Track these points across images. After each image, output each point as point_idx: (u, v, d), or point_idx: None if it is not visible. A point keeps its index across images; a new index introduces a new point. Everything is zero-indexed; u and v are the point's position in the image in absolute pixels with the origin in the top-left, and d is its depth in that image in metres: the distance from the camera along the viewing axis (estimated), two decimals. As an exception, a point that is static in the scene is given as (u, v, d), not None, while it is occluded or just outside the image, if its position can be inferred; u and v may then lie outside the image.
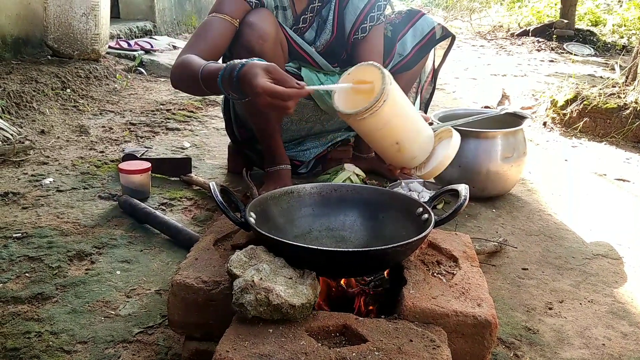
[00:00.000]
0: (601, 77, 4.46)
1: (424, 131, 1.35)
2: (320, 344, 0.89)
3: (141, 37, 4.73)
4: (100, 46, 3.49)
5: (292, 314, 0.92)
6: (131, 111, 3.02)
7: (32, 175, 2.04)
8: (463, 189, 1.15)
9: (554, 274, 1.58)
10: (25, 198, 1.85)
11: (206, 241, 1.20)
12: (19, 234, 1.60)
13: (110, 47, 3.89)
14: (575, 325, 1.34)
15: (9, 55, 3.24)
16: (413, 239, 1.02)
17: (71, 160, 2.22)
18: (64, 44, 3.35)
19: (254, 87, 1.13)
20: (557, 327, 1.33)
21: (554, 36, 6.58)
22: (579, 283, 1.54)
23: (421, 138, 1.35)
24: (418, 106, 2.27)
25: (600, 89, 3.19)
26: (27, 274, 1.41)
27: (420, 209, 1.16)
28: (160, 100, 3.28)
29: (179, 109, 3.11)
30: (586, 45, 6.40)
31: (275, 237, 1.03)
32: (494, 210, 1.98)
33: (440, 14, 9.62)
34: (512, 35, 7.25)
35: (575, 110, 3.08)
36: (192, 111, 3.12)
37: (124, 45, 4.16)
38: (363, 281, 1.16)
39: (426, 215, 1.12)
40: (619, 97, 3.05)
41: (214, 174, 2.20)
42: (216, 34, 1.59)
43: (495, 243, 1.67)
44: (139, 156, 2.11)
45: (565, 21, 6.73)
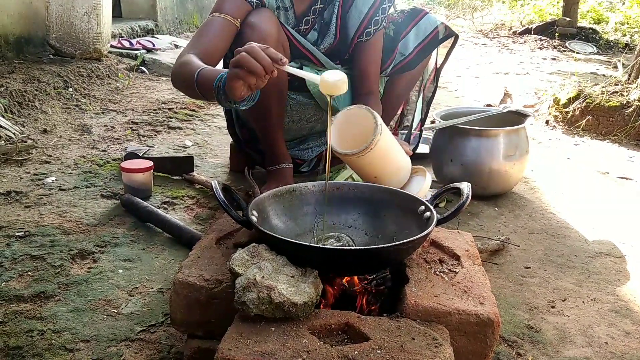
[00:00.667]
0: (604, 75, 4.44)
1: (403, 168, 1.48)
2: (322, 342, 0.89)
3: (143, 36, 4.73)
4: (102, 45, 3.49)
5: (294, 312, 0.92)
6: (133, 110, 3.02)
7: (35, 174, 2.04)
8: (465, 187, 1.15)
9: (557, 273, 1.58)
10: (27, 197, 1.86)
11: (208, 240, 1.20)
12: (22, 233, 1.60)
13: (112, 46, 3.89)
14: (578, 323, 1.34)
15: (12, 54, 3.24)
16: (415, 237, 1.02)
17: (73, 159, 2.22)
18: (66, 43, 3.36)
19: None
20: (560, 325, 1.33)
21: (556, 34, 6.57)
22: (582, 281, 1.54)
23: (400, 174, 1.48)
24: (420, 105, 2.26)
25: (602, 87, 3.18)
26: (29, 273, 1.41)
27: (423, 207, 1.16)
28: (162, 99, 3.28)
29: (181, 108, 3.11)
30: (589, 43, 6.39)
31: (277, 236, 1.03)
32: (496, 208, 1.98)
33: (442, 12, 9.60)
34: (514, 33, 7.24)
35: (578, 109, 3.08)
36: (194, 110, 3.12)
37: (126, 44, 4.16)
38: (365, 279, 1.16)
39: (428, 214, 1.12)
40: (622, 95, 3.04)
41: (216, 172, 2.20)
42: (216, 34, 1.58)
43: (497, 241, 1.66)
44: (141, 155, 2.11)
45: (568, 19, 6.72)
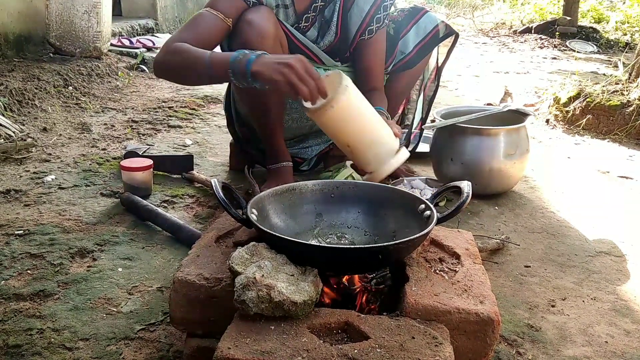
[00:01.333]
0: (604, 75, 4.44)
1: (380, 143, 1.40)
2: (322, 340, 0.89)
3: (143, 34, 4.73)
4: (102, 44, 3.49)
5: (293, 311, 0.92)
6: (133, 109, 3.02)
7: (34, 173, 2.04)
8: (465, 186, 1.15)
9: (557, 272, 1.57)
10: (27, 195, 1.85)
11: (208, 238, 1.20)
12: (21, 231, 1.60)
13: (112, 44, 3.89)
14: (578, 322, 1.34)
15: (11, 53, 3.24)
16: (415, 235, 1.02)
17: (73, 158, 2.22)
18: (66, 41, 3.35)
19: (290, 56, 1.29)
20: (560, 324, 1.33)
21: (556, 33, 6.55)
22: (582, 280, 1.54)
23: (376, 148, 1.39)
24: (421, 104, 2.26)
25: (603, 86, 3.18)
26: (29, 271, 1.41)
27: (423, 205, 1.15)
28: (162, 98, 3.28)
29: (181, 107, 3.11)
30: (589, 43, 6.38)
31: (277, 234, 1.03)
32: (496, 207, 1.98)
33: (442, 11, 9.58)
34: (514, 32, 7.22)
35: (578, 108, 3.07)
36: (194, 109, 3.12)
37: (126, 42, 4.15)
38: (365, 278, 1.16)
39: (428, 212, 1.12)
40: (622, 94, 3.03)
41: (215, 171, 2.20)
42: (206, 28, 1.56)
43: (497, 240, 1.66)
44: (140, 153, 2.10)
45: (568, 18, 6.70)
